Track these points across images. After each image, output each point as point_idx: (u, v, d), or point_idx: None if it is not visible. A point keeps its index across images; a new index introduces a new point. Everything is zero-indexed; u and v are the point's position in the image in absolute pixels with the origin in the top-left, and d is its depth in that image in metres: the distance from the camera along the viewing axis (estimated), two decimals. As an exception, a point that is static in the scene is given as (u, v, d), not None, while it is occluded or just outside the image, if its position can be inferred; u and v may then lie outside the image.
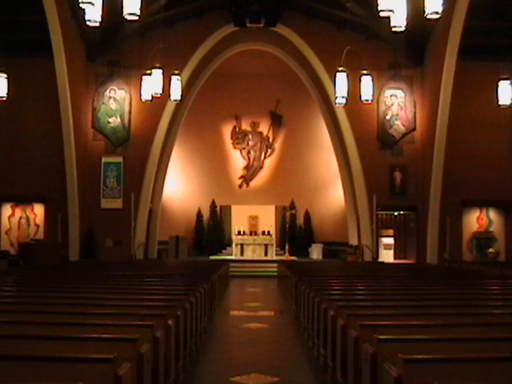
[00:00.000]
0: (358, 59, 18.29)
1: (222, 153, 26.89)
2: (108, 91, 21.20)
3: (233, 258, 22.42)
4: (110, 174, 20.96)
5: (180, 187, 25.93)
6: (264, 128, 27.03)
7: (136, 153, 21.04)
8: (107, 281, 9.56)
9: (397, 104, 21.25)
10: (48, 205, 20.27)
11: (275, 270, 19.53)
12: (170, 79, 17.19)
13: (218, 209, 26.33)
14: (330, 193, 25.49)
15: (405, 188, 21.07)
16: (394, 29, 11.06)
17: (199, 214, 26.07)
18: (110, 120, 21.16)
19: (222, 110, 26.16)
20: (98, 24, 10.94)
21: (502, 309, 6.55)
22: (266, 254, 22.97)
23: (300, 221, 26.11)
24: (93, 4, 10.02)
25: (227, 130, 27.04)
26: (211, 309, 10.92)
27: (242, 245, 23.13)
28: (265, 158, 27.11)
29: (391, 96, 21.26)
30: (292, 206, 26.07)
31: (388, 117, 21.25)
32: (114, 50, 20.96)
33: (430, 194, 19.73)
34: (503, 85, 18.29)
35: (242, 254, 22.91)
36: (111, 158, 21.03)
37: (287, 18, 21.41)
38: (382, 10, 10.17)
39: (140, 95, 18.57)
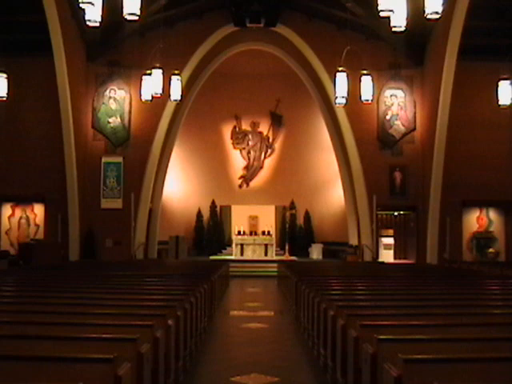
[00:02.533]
0: (358, 59, 18.28)
1: (222, 153, 26.89)
2: (108, 91, 21.20)
3: (233, 257, 22.41)
4: (110, 174, 20.96)
5: (180, 187, 25.93)
6: (264, 128, 27.03)
7: (136, 153, 21.04)
8: (107, 281, 9.55)
9: (397, 104, 21.25)
10: (48, 205, 20.27)
11: (275, 269, 19.53)
12: (170, 79, 17.19)
13: (218, 209, 26.32)
14: (330, 193, 25.49)
15: (405, 188, 21.07)
16: (394, 29, 11.07)
17: (199, 214, 26.07)
18: (110, 120, 21.16)
19: (222, 110, 26.16)
20: (97, 24, 10.94)
21: (502, 309, 6.55)
22: (266, 254, 22.96)
23: (300, 221, 26.11)
24: (93, 4, 10.02)
25: (227, 130, 27.04)
26: (211, 309, 10.91)
27: (242, 245, 23.12)
28: (265, 157, 27.10)
29: (391, 96, 21.26)
30: (292, 206, 26.06)
31: (388, 117, 21.24)
32: (113, 50, 20.96)
33: (430, 194, 19.72)
34: (503, 85, 18.29)
35: (242, 254, 22.90)
36: (111, 158, 21.03)
37: (287, 17, 21.41)
38: (382, 10, 10.18)
39: (140, 95, 18.57)
